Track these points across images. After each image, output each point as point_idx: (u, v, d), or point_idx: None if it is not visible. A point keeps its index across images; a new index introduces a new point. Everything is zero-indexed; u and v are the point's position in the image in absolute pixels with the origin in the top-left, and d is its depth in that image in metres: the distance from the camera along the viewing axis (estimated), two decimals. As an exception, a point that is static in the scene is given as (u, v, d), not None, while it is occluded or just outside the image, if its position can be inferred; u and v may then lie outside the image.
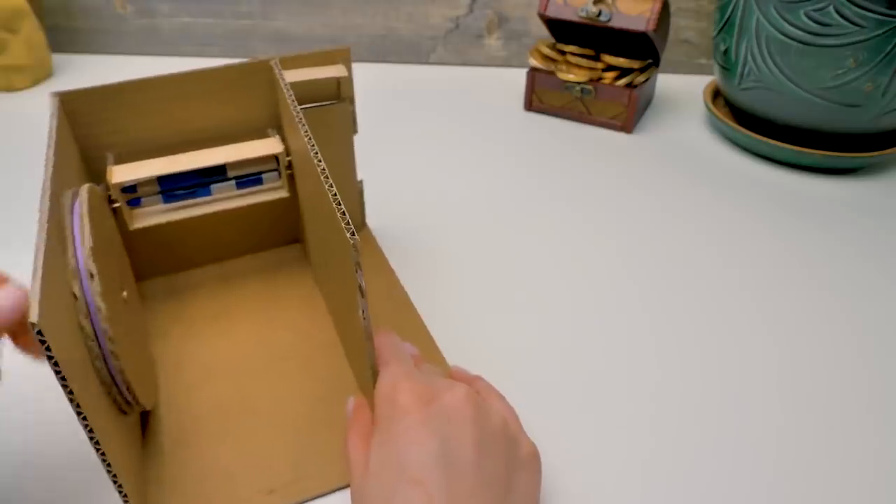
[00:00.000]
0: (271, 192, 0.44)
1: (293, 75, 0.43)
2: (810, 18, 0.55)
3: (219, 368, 0.42)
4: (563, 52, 0.71)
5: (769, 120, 0.62)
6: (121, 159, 0.42)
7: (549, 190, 0.60)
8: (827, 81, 0.56)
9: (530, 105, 0.73)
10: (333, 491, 0.35)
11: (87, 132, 0.41)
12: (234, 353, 0.43)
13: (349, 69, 0.45)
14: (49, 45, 0.82)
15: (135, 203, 0.42)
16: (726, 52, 0.62)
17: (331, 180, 0.32)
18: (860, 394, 0.40)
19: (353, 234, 0.29)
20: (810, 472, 0.36)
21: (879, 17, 0.52)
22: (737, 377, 0.41)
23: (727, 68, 0.63)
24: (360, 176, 0.52)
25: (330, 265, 0.39)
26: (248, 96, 0.44)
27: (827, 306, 0.47)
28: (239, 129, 0.45)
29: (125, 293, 0.37)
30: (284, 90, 0.40)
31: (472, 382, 0.36)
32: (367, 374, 0.33)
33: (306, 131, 0.36)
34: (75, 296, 0.30)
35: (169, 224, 0.43)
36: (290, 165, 0.44)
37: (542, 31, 0.80)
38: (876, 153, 0.60)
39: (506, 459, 0.29)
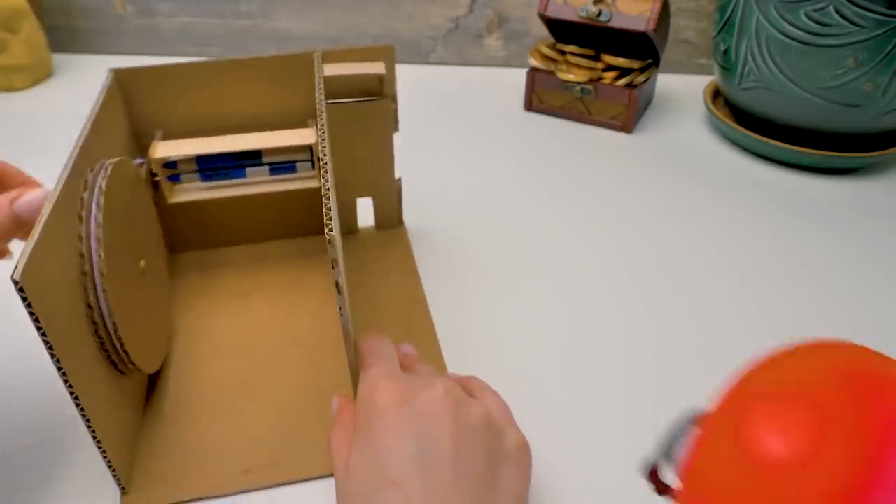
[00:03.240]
0: (303, 181, 0.45)
1: (333, 69, 0.44)
2: (810, 18, 0.55)
3: (231, 345, 0.43)
4: (563, 52, 0.71)
5: (769, 120, 0.62)
6: (168, 137, 0.43)
7: (549, 190, 0.60)
8: (827, 81, 0.57)
9: (530, 105, 0.73)
10: (308, 479, 0.35)
11: (138, 109, 0.43)
12: (249, 333, 0.44)
13: (392, 67, 0.46)
14: (49, 45, 0.82)
15: (175, 179, 0.44)
16: (726, 52, 0.62)
17: (329, 174, 0.32)
18: (860, 394, 0.40)
19: (331, 230, 0.29)
20: (810, 471, 0.36)
21: (879, 17, 0.52)
22: (737, 377, 0.41)
23: (727, 68, 0.63)
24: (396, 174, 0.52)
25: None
26: (292, 87, 0.45)
27: (827, 306, 0.47)
28: (281, 117, 0.46)
29: (143, 262, 0.38)
30: (317, 83, 0.41)
31: (466, 383, 0.35)
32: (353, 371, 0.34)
33: (322, 124, 0.37)
34: (80, 217, 0.31)
35: (205, 201, 0.45)
36: None
37: (542, 31, 0.80)
38: (876, 153, 0.60)
39: (489, 454, 0.29)
